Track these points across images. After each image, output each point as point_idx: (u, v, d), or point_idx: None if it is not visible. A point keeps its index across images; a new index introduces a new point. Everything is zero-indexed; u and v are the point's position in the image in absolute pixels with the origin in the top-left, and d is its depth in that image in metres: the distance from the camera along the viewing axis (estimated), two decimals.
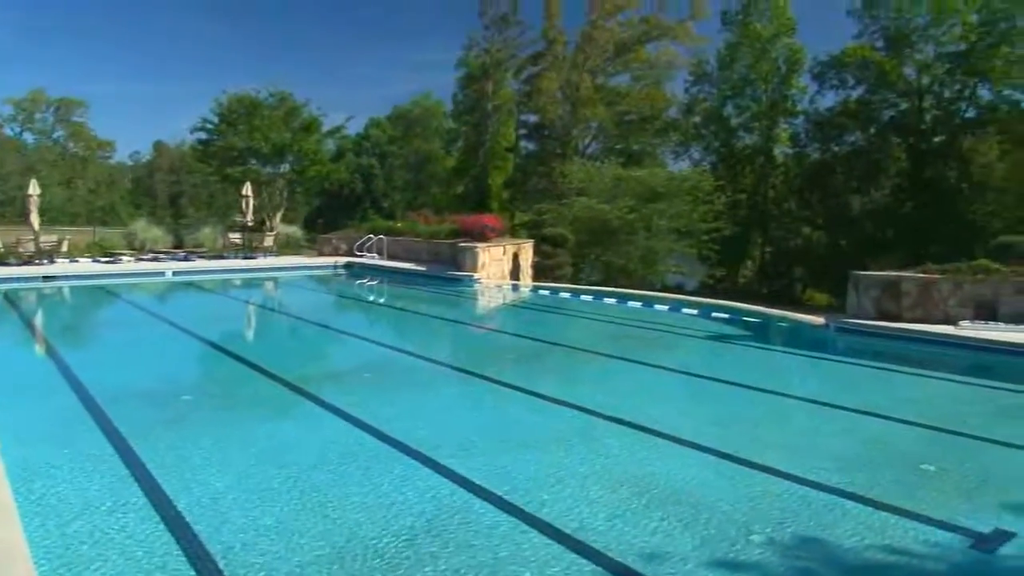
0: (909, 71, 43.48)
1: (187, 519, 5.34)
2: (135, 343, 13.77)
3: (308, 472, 6.35)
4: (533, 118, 54.35)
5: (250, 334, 16.28)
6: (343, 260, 28.44)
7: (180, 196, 75.82)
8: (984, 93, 42.40)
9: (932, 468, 6.89)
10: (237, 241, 30.21)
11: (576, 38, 50.49)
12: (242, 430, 7.82)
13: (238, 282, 24.80)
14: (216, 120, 39.49)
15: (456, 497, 5.91)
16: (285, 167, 40.55)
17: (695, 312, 18.54)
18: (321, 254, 30.98)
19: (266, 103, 39.49)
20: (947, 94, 43.34)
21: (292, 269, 27.66)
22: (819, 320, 17.02)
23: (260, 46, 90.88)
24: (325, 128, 42.59)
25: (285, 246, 32.99)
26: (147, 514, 5.44)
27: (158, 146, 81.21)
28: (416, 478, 6.31)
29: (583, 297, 21.68)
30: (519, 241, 28.25)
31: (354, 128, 57.90)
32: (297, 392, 9.47)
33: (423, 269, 26.01)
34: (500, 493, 5.91)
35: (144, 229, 31.50)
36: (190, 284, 23.70)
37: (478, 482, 6.13)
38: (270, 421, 8.35)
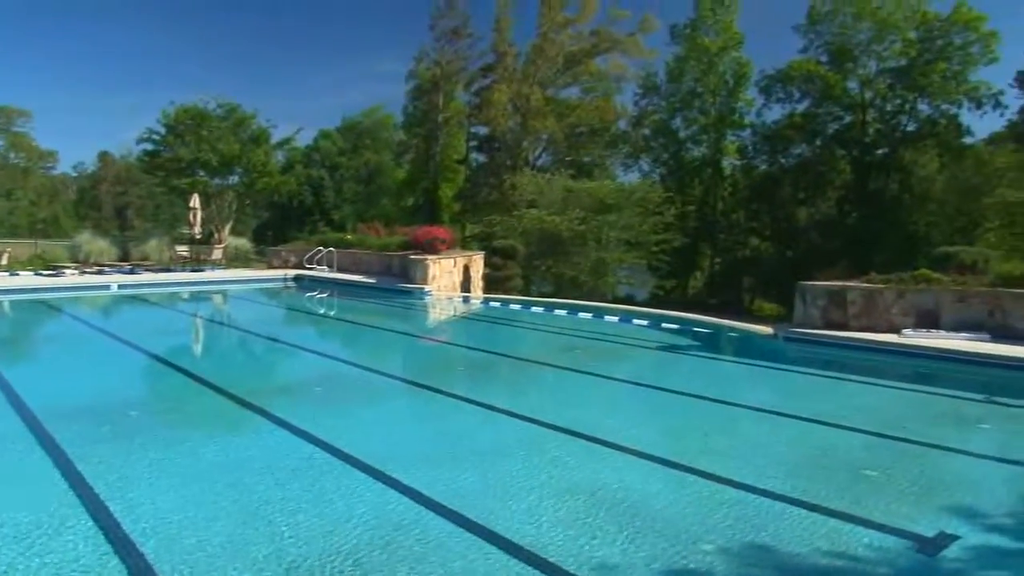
0: (852, 85, 44.49)
1: (134, 540, 5.21)
2: (79, 358, 13.50)
3: (258, 488, 6.26)
4: (483, 130, 54.52)
5: (198, 348, 16.05)
6: (293, 273, 28.20)
7: (126, 208, 74.53)
8: (923, 107, 43.44)
9: (876, 474, 6.99)
10: (185, 254, 29.82)
11: (526, 50, 50.73)
12: (191, 446, 7.68)
13: (186, 295, 24.46)
14: (163, 131, 38.93)
15: (408, 511, 5.87)
16: (234, 179, 40.09)
17: (645, 323, 18.66)
18: (270, 267, 30.68)
19: (214, 114, 39.02)
20: (889, 108, 44.40)
21: (241, 282, 27.36)
22: (767, 330, 17.23)
23: (208, 57, 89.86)
24: (274, 139, 42.21)
25: (234, 259, 32.64)
26: (92, 535, 5.30)
27: (103, 157, 79.77)
28: (367, 492, 6.25)
29: (534, 309, 21.72)
30: (470, 253, 28.24)
31: (304, 140, 57.53)
32: (247, 407, 9.34)
33: (373, 281, 25.88)
34: (452, 506, 5.88)
35: (88, 241, 30.94)
36: (136, 298, 23.32)
37: (430, 495, 6.09)
38: (219, 437, 8.23)
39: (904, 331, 14.33)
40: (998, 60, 41.26)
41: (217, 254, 30.06)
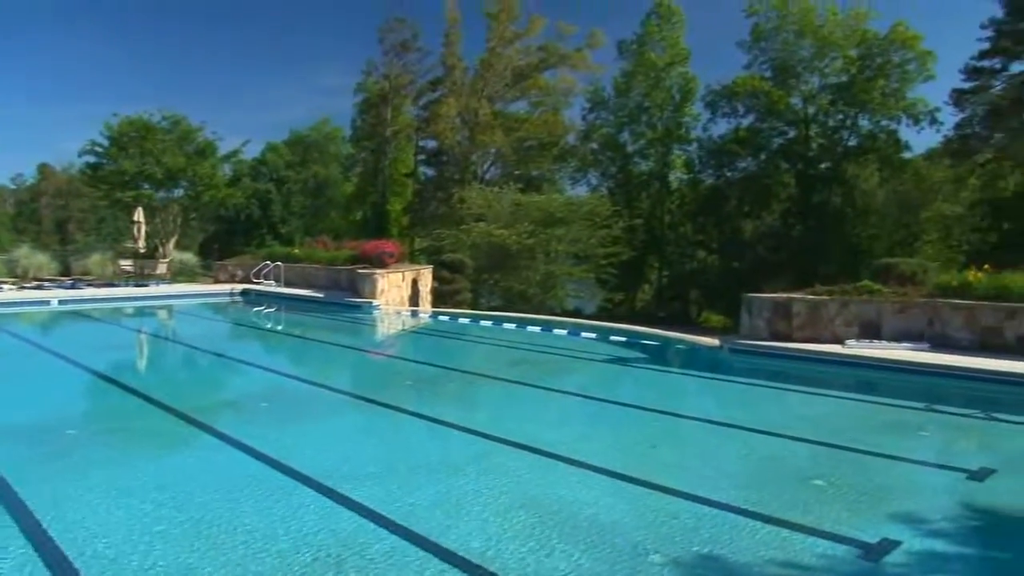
0: (796, 101, 45.30)
1: (74, 564, 5.09)
2: (16, 375, 13.18)
3: (204, 506, 6.16)
4: (432, 144, 54.58)
5: (142, 364, 15.79)
6: (239, 287, 27.86)
7: (67, 221, 73.04)
8: (864, 123, 44.39)
9: (822, 483, 7.09)
10: (128, 268, 29.33)
11: (475, 65, 50.85)
12: (133, 464, 7.54)
13: (129, 311, 24.06)
14: (106, 143, 38.35)
15: (357, 527, 5.82)
16: (179, 192, 39.63)
17: (593, 336, 18.75)
18: (217, 281, 30.27)
19: (159, 126, 38.56)
20: (831, 123, 45.28)
21: (186, 297, 26.97)
22: (714, 342, 17.39)
23: (153, 68, 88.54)
24: (221, 152, 41.81)
25: (179, 273, 32.19)
26: (28, 560, 5.15)
27: (43, 169, 78.17)
28: (316, 509, 6.18)
29: (482, 322, 21.72)
30: (418, 267, 28.17)
31: (251, 152, 56.99)
32: (192, 424, 9.20)
33: (321, 296, 25.68)
34: (402, 522, 5.84)
35: (27, 256, 30.30)
36: (78, 313, 22.87)
37: (378, 510, 6.05)
38: (163, 454, 8.09)
39: (847, 341, 14.56)
40: (934, 78, 42.42)
41: (162, 268, 29.65)
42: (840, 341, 14.78)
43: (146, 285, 27.62)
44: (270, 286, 27.51)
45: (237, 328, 22.58)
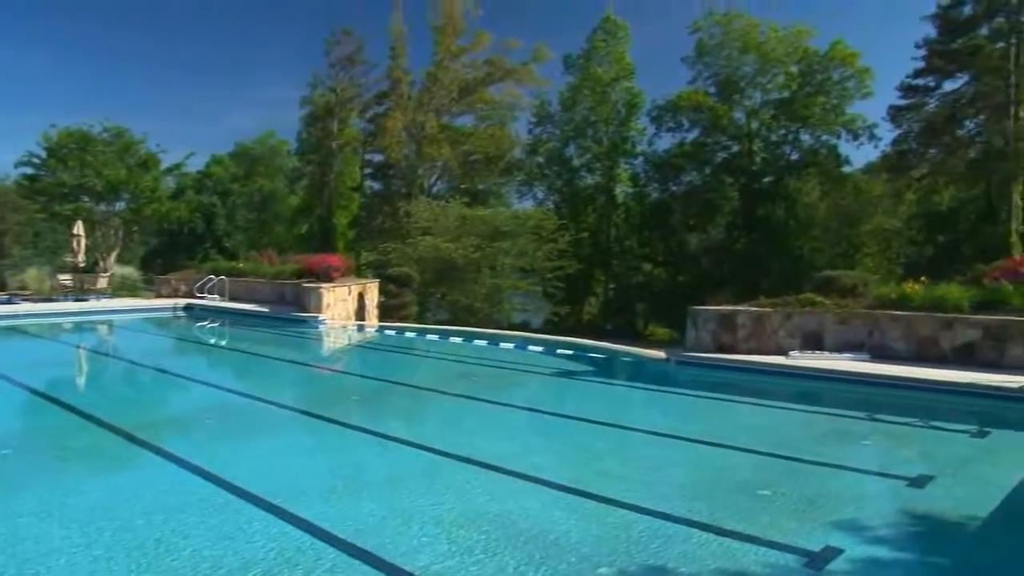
0: (739, 116, 46.02)
1: None
2: None
3: (148, 526, 6.04)
4: (378, 157, 54.44)
5: (81, 381, 15.44)
6: (183, 302, 27.42)
7: (3, 235, 71.37)
8: (806, 138, 45.27)
9: (768, 492, 7.17)
10: (67, 283, 28.73)
11: (422, 78, 50.82)
12: (72, 485, 7.35)
13: (68, 326, 23.55)
14: (44, 155, 37.58)
15: (304, 544, 5.74)
16: (120, 205, 38.96)
17: (540, 349, 18.78)
18: (159, 296, 29.79)
19: (100, 138, 37.89)
20: (773, 138, 46.06)
21: (128, 312, 26.48)
22: (660, 354, 17.52)
23: (93, 78, 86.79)
24: (164, 165, 41.21)
25: (120, 288, 31.62)
26: None
27: None
28: (263, 526, 6.09)
29: (429, 336, 21.65)
30: (364, 281, 27.99)
31: (195, 165, 56.26)
32: (134, 442, 9.00)
33: (267, 310, 25.38)
34: (350, 539, 5.78)
35: None
36: (13, 329, 22.30)
37: (327, 528, 5.98)
38: (104, 475, 7.90)
39: (791, 353, 14.77)
40: (872, 95, 43.42)
41: (102, 283, 29.10)
42: (783, 352, 14.98)
43: (86, 300, 27.05)
44: (214, 301, 27.13)
45: (180, 343, 22.23)
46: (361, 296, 26.18)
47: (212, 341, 22.25)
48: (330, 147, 53.38)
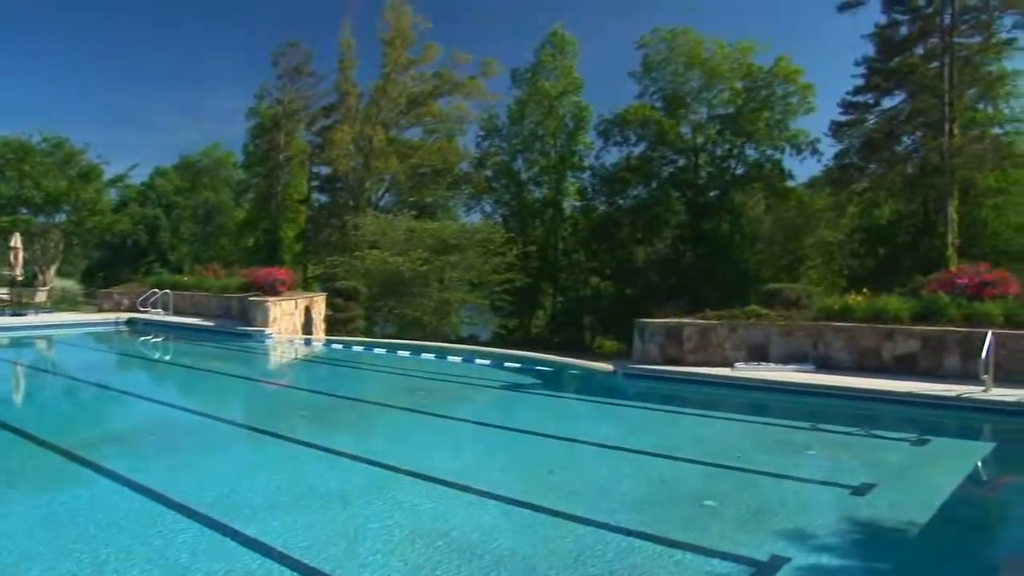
0: (685, 130, 46.52)
1: None
2: None
3: (88, 547, 5.88)
4: (326, 170, 53.99)
5: (18, 398, 15.05)
6: (125, 316, 26.90)
7: None
8: (750, 152, 45.96)
9: (714, 503, 7.22)
10: (4, 297, 28.06)
11: (370, 91, 50.62)
12: (8, 505, 7.14)
13: (5, 341, 22.97)
14: None
15: (252, 562, 5.64)
16: (61, 217, 38.22)
17: (488, 363, 18.76)
18: (101, 310, 29.19)
19: (39, 148, 37.14)
20: (719, 152, 46.66)
21: (68, 326, 25.94)
22: (608, 367, 17.61)
23: (31, 86, 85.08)
24: (106, 176, 40.53)
25: (61, 302, 30.99)
26: None
27: None
28: (208, 544, 5.98)
29: (376, 350, 21.51)
30: (311, 294, 27.74)
31: (138, 177, 55.45)
32: (75, 460, 8.79)
33: (212, 324, 25.02)
34: (297, 555, 5.70)
35: None
36: None
37: (273, 545, 5.88)
38: (41, 493, 7.68)
39: (736, 364, 14.92)
40: (814, 110, 44.24)
41: (41, 297, 28.52)
42: (729, 364, 15.13)
43: (23, 315, 26.43)
44: (158, 315, 26.67)
45: (123, 358, 21.81)
46: (308, 310, 25.93)
47: (155, 356, 21.88)
48: (277, 159, 52.90)
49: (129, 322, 26.38)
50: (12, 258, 28.09)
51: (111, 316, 27.22)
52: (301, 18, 76.52)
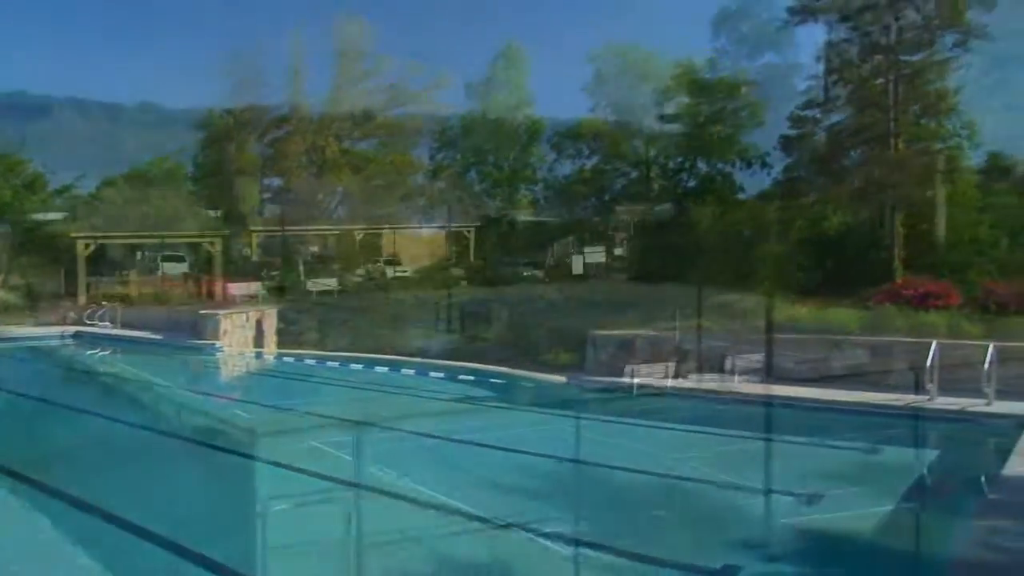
0: (637, 143, 46.76)
1: None
2: None
3: (27, 568, 5.74)
4: (278, 182, 53.37)
5: None
6: (72, 329, 26.36)
7: None
8: (702, 166, 46.36)
9: (665, 513, 7.26)
10: None
11: (323, 102, 50.24)
12: None
13: None
14: None
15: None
16: (4, 228, 37.38)
17: (442, 375, 18.69)
18: (46, 323, 28.54)
19: None
20: (671, 166, 46.95)
21: (10, 340, 25.34)
22: (561, 379, 17.62)
23: None
24: (52, 186, 39.72)
25: (3, 313, 30.23)
26: None
27: None
28: (153, 560, 5.88)
29: (329, 363, 21.33)
30: (263, 307, 27.41)
31: (86, 187, 54.29)
32: (11, 476, 8.58)
33: (161, 337, 24.61)
34: (234, 567, 5.62)
35: None
36: None
37: (217, 559, 5.80)
38: None
39: (688, 375, 15.03)
40: (763, 124, 44.67)
41: None
42: (682, 375, 15.23)
43: None
44: (105, 328, 26.16)
45: (68, 373, 21.43)
46: (259, 322, 25.61)
47: (101, 369, 21.47)
48: (228, 171, 52.23)
49: (75, 335, 25.84)
50: None
51: (56, 329, 26.65)
52: (253, 29, 75.71)
